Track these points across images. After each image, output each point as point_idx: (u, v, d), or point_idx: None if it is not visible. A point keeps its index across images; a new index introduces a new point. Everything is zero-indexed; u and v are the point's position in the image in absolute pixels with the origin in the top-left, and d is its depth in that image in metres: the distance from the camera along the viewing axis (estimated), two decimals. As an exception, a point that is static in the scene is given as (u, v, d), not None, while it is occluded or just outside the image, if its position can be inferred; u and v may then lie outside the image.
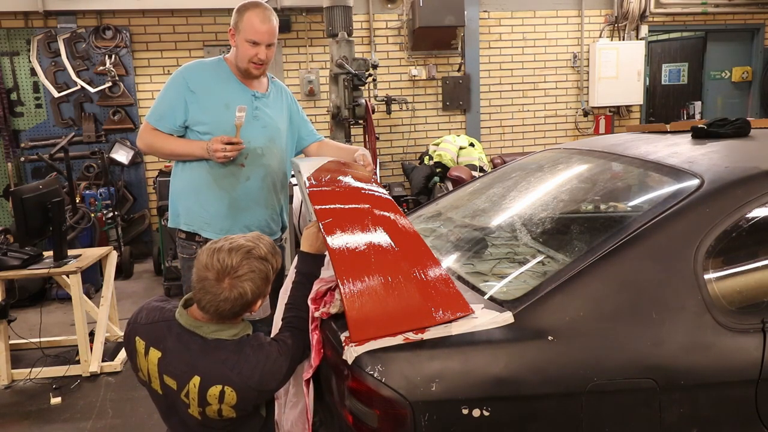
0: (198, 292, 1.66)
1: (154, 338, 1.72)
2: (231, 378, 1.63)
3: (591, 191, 2.44)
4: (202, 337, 1.68)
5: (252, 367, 1.65)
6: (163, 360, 1.69)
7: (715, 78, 8.10)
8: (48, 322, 4.56)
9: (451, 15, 6.47)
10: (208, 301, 1.64)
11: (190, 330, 1.69)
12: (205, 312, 1.67)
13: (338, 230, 1.84)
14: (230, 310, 1.65)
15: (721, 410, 1.63)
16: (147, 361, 1.72)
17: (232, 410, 1.66)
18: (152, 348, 1.71)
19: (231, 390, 1.63)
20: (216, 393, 1.63)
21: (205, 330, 1.68)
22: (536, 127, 7.52)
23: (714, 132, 2.32)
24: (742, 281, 1.82)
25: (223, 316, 1.68)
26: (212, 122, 2.51)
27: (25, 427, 3.30)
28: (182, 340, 1.69)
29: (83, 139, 6.32)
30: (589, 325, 1.59)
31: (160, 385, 1.72)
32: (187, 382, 1.65)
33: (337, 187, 2.24)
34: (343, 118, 5.15)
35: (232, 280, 1.63)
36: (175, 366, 1.67)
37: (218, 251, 1.65)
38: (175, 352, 1.68)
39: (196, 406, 1.67)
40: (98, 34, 6.24)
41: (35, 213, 3.68)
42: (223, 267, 1.63)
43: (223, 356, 1.65)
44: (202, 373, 1.64)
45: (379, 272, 1.66)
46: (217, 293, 1.63)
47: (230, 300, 1.63)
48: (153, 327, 1.74)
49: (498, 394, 1.51)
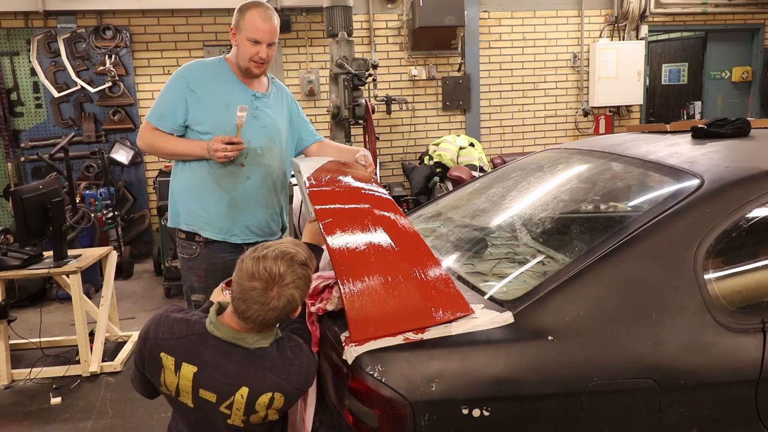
0: (243, 303, 1.60)
1: (186, 353, 1.66)
2: (281, 385, 1.64)
3: (591, 191, 2.44)
4: (244, 348, 1.65)
5: (297, 370, 1.66)
6: (199, 374, 1.65)
7: (715, 78, 8.10)
8: (48, 322, 4.56)
9: (451, 15, 6.48)
10: (256, 311, 1.59)
11: (230, 342, 1.65)
12: (250, 322, 1.62)
13: (338, 230, 1.83)
14: (276, 318, 1.63)
15: (721, 410, 1.63)
16: (178, 377, 1.66)
17: (277, 413, 1.69)
18: (185, 363, 1.65)
19: (280, 395, 1.64)
20: (266, 401, 1.64)
21: (249, 341, 1.65)
22: (536, 127, 7.52)
23: (714, 132, 2.32)
24: (742, 281, 1.82)
25: (268, 325, 1.66)
26: (212, 122, 2.51)
27: (25, 427, 3.30)
28: (222, 352, 1.65)
29: (83, 139, 6.32)
30: (589, 325, 1.59)
31: (193, 399, 1.67)
32: (232, 394, 1.63)
33: (337, 187, 2.24)
34: (343, 118, 5.15)
35: (281, 289, 1.60)
36: (216, 379, 1.64)
37: (263, 259, 1.61)
38: (213, 365, 1.64)
39: (241, 415, 1.66)
40: (98, 34, 6.24)
41: (35, 213, 3.68)
42: (271, 276, 1.59)
43: (269, 364, 1.64)
44: (251, 384, 1.63)
45: (379, 272, 1.66)
46: (266, 303, 1.59)
47: (279, 309, 1.60)
48: (183, 341, 1.67)
49: (498, 394, 1.51)
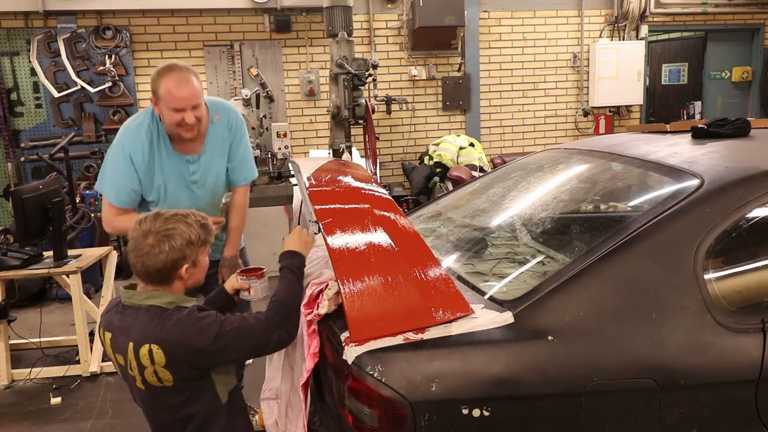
0: (129, 256, 1.77)
1: (107, 323, 1.82)
2: (155, 334, 1.68)
3: (591, 191, 2.44)
4: (137, 306, 1.75)
5: (176, 323, 1.69)
6: (112, 339, 1.79)
7: (715, 78, 8.10)
8: (48, 322, 4.56)
9: (451, 15, 6.47)
10: (135, 257, 1.74)
11: (128, 303, 1.77)
12: (135, 271, 1.76)
13: (338, 230, 1.84)
14: (154, 266, 1.73)
15: (721, 410, 1.63)
16: (105, 346, 1.83)
17: (167, 372, 1.69)
18: (105, 332, 1.81)
19: (157, 348, 1.67)
20: (146, 353, 1.68)
21: (139, 298, 1.76)
22: (536, 127, 7.52)
23: (714, 132, 2.32)
24: (742, 281, 1.82)
25: (151, 276, 1.75)
26: (155, 194, 2.54)
27: (25, 427, 3.30)
28: (124, 314, 1.77)
29: (83, 139, 6.31)
30: (589, 325, 1.59)
31: (119, 368, 1.81)
32: (126, 351, 1.72)
33: (337, 187, 2.24)
34: (343, 118, 5.14)
35: (156, 236, 1.74)
36: (120, 341, 1.76)
37: (146, 217, 1.79)
38: (118, 328, 1.77)
39: (138, 374, 1.72)
40: (98, 34, 6.24)
41: (35, 213, 3.68)
42: (149, 227, 1.76)
43: (149, 318, 1.71)
44: (134, 337, 1.71)
45: (379, 272, 1.66)
46: (141, 248, 1.73)
47: (152, 255, 1.72)
48: (108, 314, 1.84)
49: (498, 394, 1.51)
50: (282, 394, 2.05)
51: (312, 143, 6.90)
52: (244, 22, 6.56)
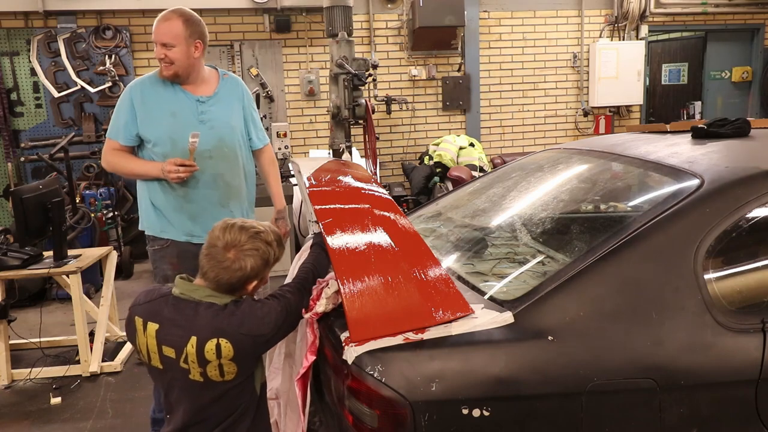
0: (203, 258, 1.77)
1: (152, 313, 1.79)
2: (223, 329, 1.69)
3: (591, 191, 2.44)
4: (196, 301, 1.75)
5: (241, 316, 1.72)
6: (160, 331, 1.75)
7: (715, 78, 8.10)
8: (48, 322, 4.56)
9: (451, 15, 6.48)
10: (211, 266, 1.75)
11: (184, 297, 1.77)
12: (206, 279, 1.77)
13: (338, 230, 1.84)
14: (228, 280, 1.75)
15: (721, 410, 1.63)
16: (146, 337, 1.78)
17: (233, 364, 1.70)
18: (149, 322, 1.77)
19: (225, 341, 1.68)
20: (212, 348, 1.68)
21: (200, 293, 1.76)
22: (536, 127, 7.52)
23: (714, 132, 2.32)
24: (742, 281, 1.82)
25: (221, 286, 1.76)
26: (161, 131, 2.64)
27: (25, 427, 3.30)
28: (178, 307, 1.76)
29: (83, 139, 6.31)
30: (589, 325, 1.59)
31: (160, 359, 1.77)
32: (185, 346, 1.71)
33: (337, 187, 2.24)
34: (343, 118, 5.14)
35: (237, 252, 1.74)
36: (173, 333, 1.73)
37: (231, 227, 1.79)
38: (171, 320, 1.75)
39: (197, 367, 1.71)
40: (98, 34, 6.24)
41: (35, 213, 3.68)
42: (232, 240, 1.75)
43: (214, 313, 1.72)
44: (198, 333, 1.70)
45: (379, 272, 1.66)
46: (220, 260, 1.74)
47: (230, 270, 1.74)
48: (151, 304, 1.81)
49: (498, 394, 1.51)
50: (282, 394, 2.05)
51: (312, 143, 6.90)
52: (244, 22, 6.56)
